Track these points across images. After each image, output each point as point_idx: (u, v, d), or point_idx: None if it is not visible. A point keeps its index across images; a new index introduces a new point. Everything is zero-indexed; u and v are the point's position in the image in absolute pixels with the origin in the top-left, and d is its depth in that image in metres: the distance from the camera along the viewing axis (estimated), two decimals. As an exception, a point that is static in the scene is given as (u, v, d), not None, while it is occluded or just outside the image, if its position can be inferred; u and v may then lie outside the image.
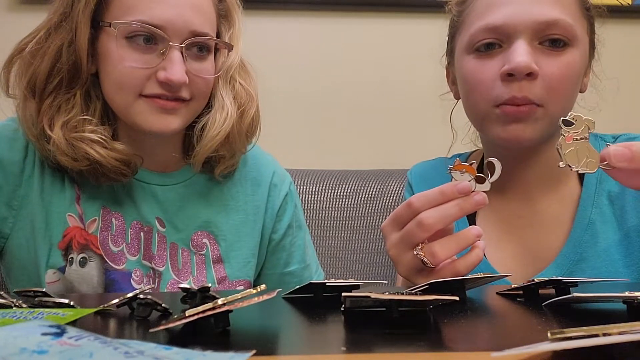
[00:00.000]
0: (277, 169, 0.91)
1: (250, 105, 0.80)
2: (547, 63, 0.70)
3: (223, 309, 0.38)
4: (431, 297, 0.41)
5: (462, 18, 0.79)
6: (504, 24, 0.71)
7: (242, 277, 0.82)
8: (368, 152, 1.32)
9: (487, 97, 0.73)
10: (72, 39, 0.70)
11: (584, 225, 0.75)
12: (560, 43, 0.71)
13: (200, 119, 0.78)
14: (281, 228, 0.88)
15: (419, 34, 1.34)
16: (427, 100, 1.34)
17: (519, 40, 0.70)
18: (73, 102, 0.71)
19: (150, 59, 0.70)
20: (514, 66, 0.69)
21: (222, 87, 0.78)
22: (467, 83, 0.77)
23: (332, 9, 1.33)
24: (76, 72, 0.71)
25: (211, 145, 0.76)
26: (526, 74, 0.69)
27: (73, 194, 0.76)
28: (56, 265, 0.73)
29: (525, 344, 0.32)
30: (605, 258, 0.74)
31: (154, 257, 0.77)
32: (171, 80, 0.69)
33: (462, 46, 0.77)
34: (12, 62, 0.73)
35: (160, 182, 0.80)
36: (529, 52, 0.69)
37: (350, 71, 1.33)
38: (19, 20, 1.26)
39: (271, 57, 0.89)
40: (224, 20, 0.80)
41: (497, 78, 0.71)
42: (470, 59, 0.76)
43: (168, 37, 0.69)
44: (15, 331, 0.28)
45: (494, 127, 0.74)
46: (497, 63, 0.72)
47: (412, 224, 0.59)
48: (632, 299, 0.45)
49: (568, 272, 0.74)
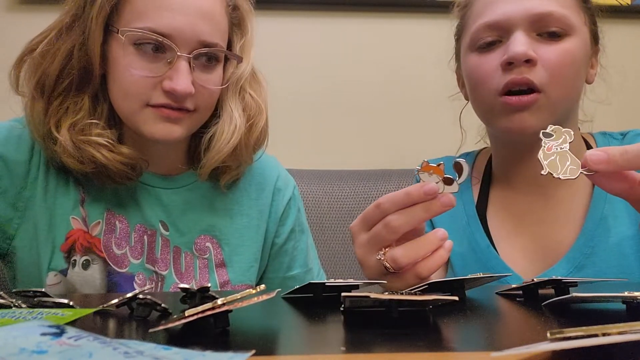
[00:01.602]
0: (281, 173, 0.90)
1: (259, 117, 0.79)
2: (546, 50, 0.73)
3: (222, 309, 0.38)
4: (431, 297, 0.41)
5: (464, 21, 0.82)
6: (501, 20, 0.74)
7: (245, 281, 0.82)
8: (368, 152, 1.32)
9: (490, 87, 0.75)
10: (84, 42, 0.70)
11: (596, 220, 0.76)
12: (557, 34, 0.73)
13: (208, 129, 0.77)
14: (284, 232, 0.88)
15: (419, 34, 1.34)
16: (428, 101, 1.34)
17: (517, 31, 0.73)
18: (81, 104, 0.71)
19: (157, 68, 0.69)
20: (512, 54, 0.71)
21: (232, 98, 0.77)
22: (471, 78, 0.79)
23: (333, 9, 1.33)
24: (86, 75, 0.71)
25: (219, 157, 0.76)
26: (525, 60, 0.71)
27: (77, 196, 0.75)
28: (58, 267, 0.73)
29: (525, 344, 0.32)
30: (617, 252, 0.74)
31: (157, 261, 0.77)
32: (176, 91, 0.68)
33: (466, 45, 0.80)
34: (23, 61, 0.72)
35: (164, 185, 0.80)
36: (527, 42, 0.72)
37: (350, 71, 1.33)
38: (18, 21, 1.26)
39: (272, 57, 0.89)
40: (237, 28, 0.79)
41: (499, 68, 0.74)
42: (473, 55, 0.78)
43: (176, 46, 0.68)
44: (14, 331, 0.28)
45: (499, 118, 0.76)
46: (498, 55, 0.75)
47: (379, 225, 0.59)
48: (631, 299, 0.45)
49: (580, 265, 0.74)
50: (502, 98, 0.73)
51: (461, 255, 0.81)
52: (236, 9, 0.78)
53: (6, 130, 0.75)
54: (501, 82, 0.73)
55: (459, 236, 0.82)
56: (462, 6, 0.84)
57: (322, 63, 1.32)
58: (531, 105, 0.72)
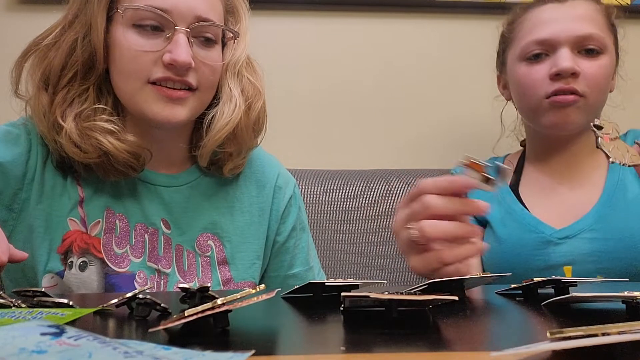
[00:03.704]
0: (281, 171, 0.91)
1: (257, 99, 0.80)
2: (586, 65, 0.89)
3: (222, 308, 0.38)
4: (430, 297, 0.41)
5: (512, 34, 0.98)
6: (550, 38, 0.90)
7: (248, 278, 0.82)
8: (368, 152, 1.32)
9: (539, 92, 0.91)
10: (87, 32, 0.72)
11: (614, 182, 0.92)
12: (594, 51, 0.90)
13: (209, 111, 0.78)
14: (285, 230, 0.88)
15: (420, 35, 1.34)
16: (428, 101, 1.34)
17: (563, 48, 0.89)
18: (86, 95, 0.72)
19: (156, 44, 0.71)
20: (562, 68, 0.87)
21: (230, 79, 0.79)
22: (521, 84, 0.94)
23: (332, 9, 1.33)
24: (91, 65, 0.72)
25: (219, 136, 0.76)
26: (571, 73, 0.87)
27: (76, 197, 0.75)
28: (54, 269, 0.73)
29: (525, 343, 0.32)
30: (634, 206, 0.89)
31: (161, 259, 0.77)
32: (176, 61, 0.70)
33: (515, 56, 0.96)
34: (26, 58, 0.74)
35: (166, 183, 0.80)
36: (572, 58, 0.88)
37: (349, 71, 1.32)
38: (18, 21, 1.26)
39: (270, 56, 0.89)
40: (230, 16, 0.81)
41: (546, 78, 0.90)
42: (522, 65, 0.94)
43: (173, 20, 0.71)
44: (14, 331, 0.28)
45: (545, 115, 0.91)
46: (545, 67, 0.91)
47: (417, 202, 0.62)
48: (631, 299, 0.45)
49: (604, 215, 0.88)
50: (549, 99, 0.89)
51: (500, 219, 0.95)
52: None
53: (2, 133, 0.75)
54: (549, 90, 0.89)
55: (497, 207, 0.95)
56: (510, 22, 1.00)
57: (321, 63, 1.32)
58: (574, 104, 0.88)
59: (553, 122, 0.91)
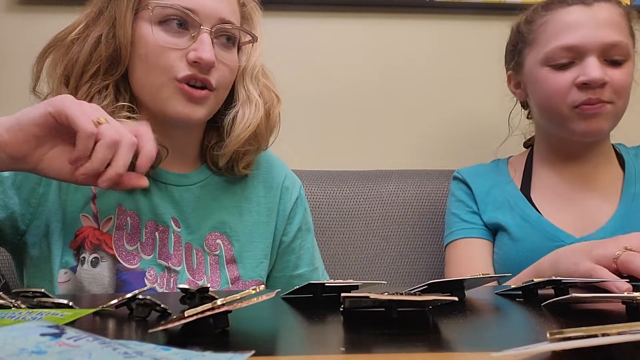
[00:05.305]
0: (288, 173, 0.93)
1: (275, 104, 0.83)
2: (613, 73, 0.89)
3: (222, 309, 0.38)
4: (430, 298, 0.41)
5: (533, 35, 0.95)
6: (577, 45, 0.89)
7: (255, 277, 0.83)
8: (368, 153, 1.32)
9: (566, 101, 0.90)
10: (112, 28, 0.73)
11: (631, 195, 0.94)
12: (620, 59, 0.90)
13: (228, 112, 0.80)
14: (291, 231, 0.89)
15: (420, 35, 1.34)
16: (429, 102, 1.34)
17: (591, 57, 0.88)
18: (106, 92, 0.74)
19: (181, 42, 0.73)
20: (591, 78, 0.87)
21: (249, 83, 0.81)
22: (545, 90, 0.93)
23: (332, 10, 1.33)
24: (114, 61, 0.73)
25: (243, 136, 0.78)
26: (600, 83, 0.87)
27: (89, 193, 0.76)
28: (68, 264, 0.73)
29: (525, 344, 0.32)
30: None
31: (171, 257, 0.78)
32: (202, 59, 0.71)
33: (537, 59, 0.94)
34: (47, 54, 0.75)
35: (177, 182, 0.81)
36: (600, 67, 0.88)
37: (350, 71, 1.32)
38: (18, 21, 1.26)
39: (271, 56, 0.89)
40: (245, 22, 0.83)
41: (572, 86, 0.89)
42: (545, 70, 0.92)
43: (199, 20, 0.72)
44: (13, 332, 0.28)
45: (575, 122, 0.91)
46: (572, 74, 0.89)
47: None
48: (630, 300, 0.45)
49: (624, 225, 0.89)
50: (578, 108, 0.89)
51: (517, 225, 0.96)
52: (244, 5, 0.82)
53: None
54: (577, 99, 0.89)
55: (509, 212, 0.97)
56: (529, 21, 0.97)
57: (321, 63, 1.32)
58: (603, 112, 0.89)
59: (584, 130, 0.91)
